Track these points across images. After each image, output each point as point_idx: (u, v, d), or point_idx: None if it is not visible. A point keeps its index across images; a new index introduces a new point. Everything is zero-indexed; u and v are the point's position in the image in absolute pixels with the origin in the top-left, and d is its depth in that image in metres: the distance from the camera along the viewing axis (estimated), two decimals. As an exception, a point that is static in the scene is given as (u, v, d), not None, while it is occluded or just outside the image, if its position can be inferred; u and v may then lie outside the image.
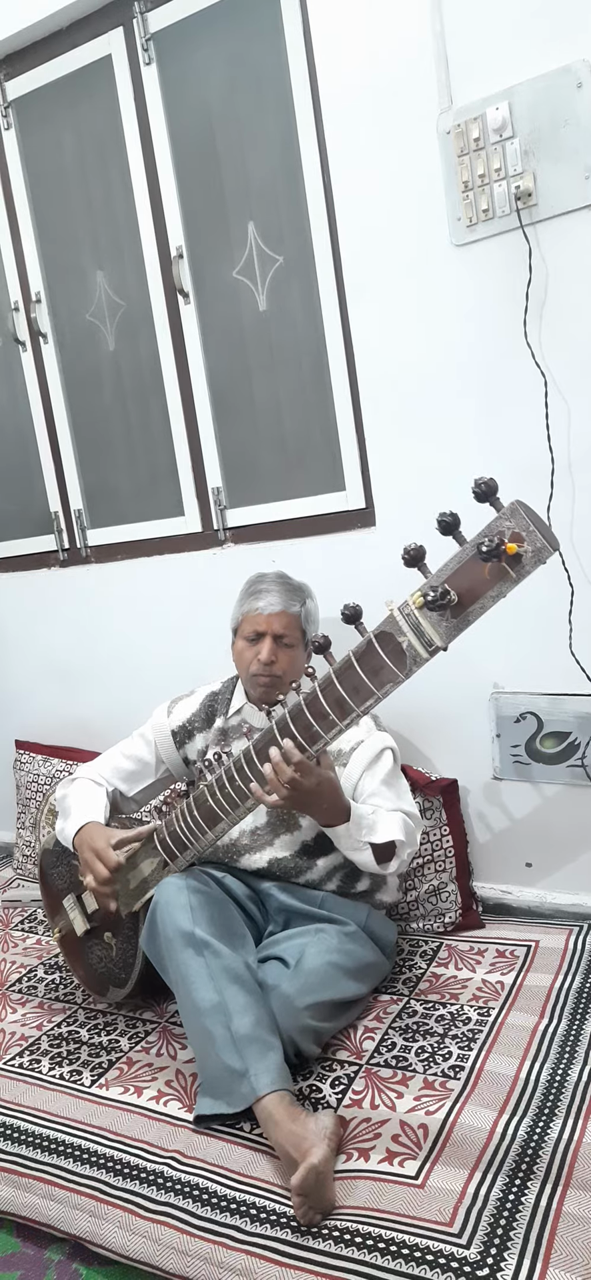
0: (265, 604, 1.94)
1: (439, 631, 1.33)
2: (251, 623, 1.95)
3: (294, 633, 1.94)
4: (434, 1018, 1.84)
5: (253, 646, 1.94)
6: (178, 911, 1.74)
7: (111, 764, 2.10)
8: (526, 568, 1.26)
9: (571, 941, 2.00)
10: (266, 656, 1.91)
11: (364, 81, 1.98)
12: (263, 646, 1.92)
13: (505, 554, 1.24)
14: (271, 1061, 1.59)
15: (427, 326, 2.01)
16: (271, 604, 1.93)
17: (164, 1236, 1.46)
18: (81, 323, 2.60)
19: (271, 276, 2.28)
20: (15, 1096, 1.83)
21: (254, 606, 1.95)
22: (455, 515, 1.28)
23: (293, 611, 1.94)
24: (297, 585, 2.01)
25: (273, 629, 1.92)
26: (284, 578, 2.01)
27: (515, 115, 1.82)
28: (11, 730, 2.97)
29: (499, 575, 1.27)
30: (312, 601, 2.02)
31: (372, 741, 1.92)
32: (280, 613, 1.93)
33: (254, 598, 1.97)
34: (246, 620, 1.96)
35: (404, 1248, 1.34)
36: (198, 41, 2.24)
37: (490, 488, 1.26)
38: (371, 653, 1.40)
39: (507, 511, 1.27)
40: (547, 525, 1.31)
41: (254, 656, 1.93)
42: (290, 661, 1.94)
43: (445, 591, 1.29)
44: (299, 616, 1.95)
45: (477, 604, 1.30)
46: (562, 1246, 1.28)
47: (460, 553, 1.30)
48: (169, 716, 2.10)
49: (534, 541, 1.25)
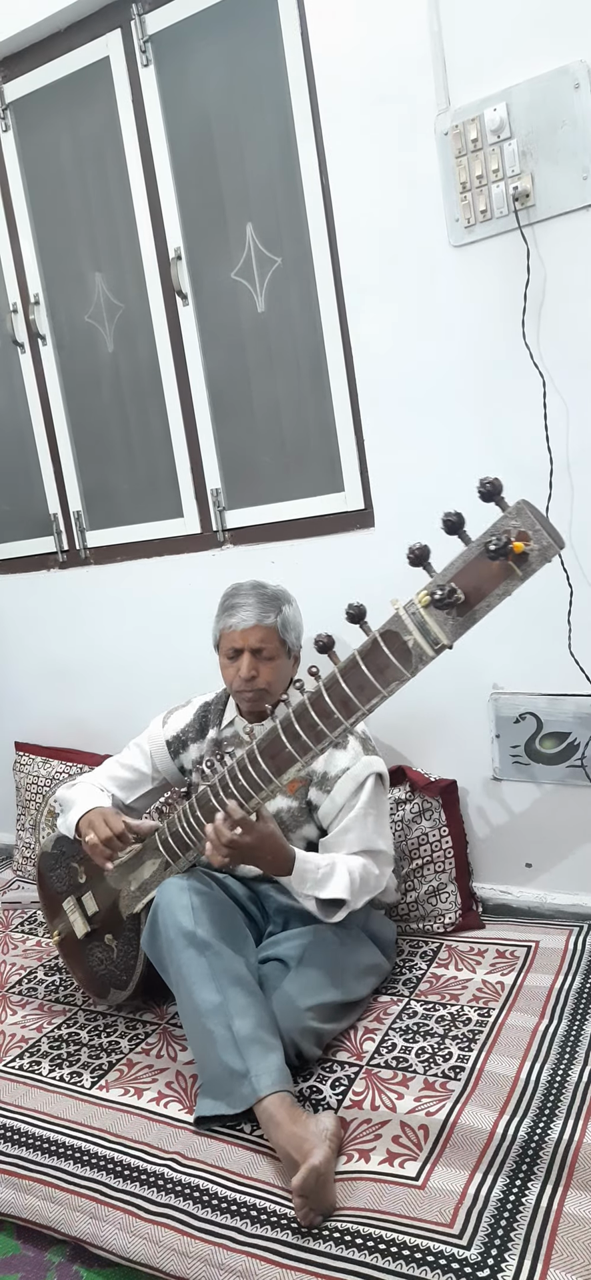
0: (238, 620, 1.92)
1: (445, 630, 1.33)
2: (228, 640, 1.93)
3: (272, 644, 1.92)
4: (434, 1018, 1.84)
5: (233, 663, 1.93)
6: (179, 912, 1.74)
7: (108, 773, 2.11)
8: (533, 566, 1.27)
9: (571, 942, 2.00)
10: (246, 673, 1.90)
11: (362, 82, 1.98)
12: (242, 663, 1.91)
13: (512, 552, 1.25)
14: (272, 1062, 1.59)
15: (426, 327, 2.02)
16: (245, 619, 1.91)
17: (164, 1238, 1.46)
18: (80, 324, 2.60)
19: (270, 278, 2.28)
20: (15, 1099, 1.83)
21: (228, 624, 1.94)
22: (460, 515, 1.28)
23: (268, 624, 1.91)
24: (272, 594, 1.97)
25: (249, 644, 1.91)
26: (258, 587, 1.98)
27: (513, 116, 1.83)
28: (11, 732, 2.97)
29: (505, 574, 1.28)
30: (290, 607, 1.98)
31: (358, 770, 1.87)
32: (254, 627, 1.91)
33: (228, 614, 1.95)
34: (224, 638, 1.95)
35: (404, 1249, 1.34)
36: (196, 43, 2.24)
37: (495, 487, 1.26)
38: (377, 651, 1.40)
39: (513, 510, 1.27)
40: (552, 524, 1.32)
41: (235, 673, 1.92)
42: (273, 672, 1.92)
43: (452, 590, 1.30)
44: (275, 628, 1.92)
45: (484, 602, 1.31)
46: (563, 1247, 1.29)
47: (466, 551, 1.31)
48: (164, 727, 2.10)
49: (540, 540, 1.26)
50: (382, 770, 1.91)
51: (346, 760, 1.87)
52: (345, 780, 1.86)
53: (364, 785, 1.86)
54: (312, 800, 1.90)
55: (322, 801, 1.87)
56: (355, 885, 1.77)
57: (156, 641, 2.59)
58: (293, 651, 1.98)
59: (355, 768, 1.87)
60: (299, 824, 1.91)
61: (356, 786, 1.85)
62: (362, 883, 1.80)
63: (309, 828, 1.92)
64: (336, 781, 1.87)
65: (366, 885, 1.81)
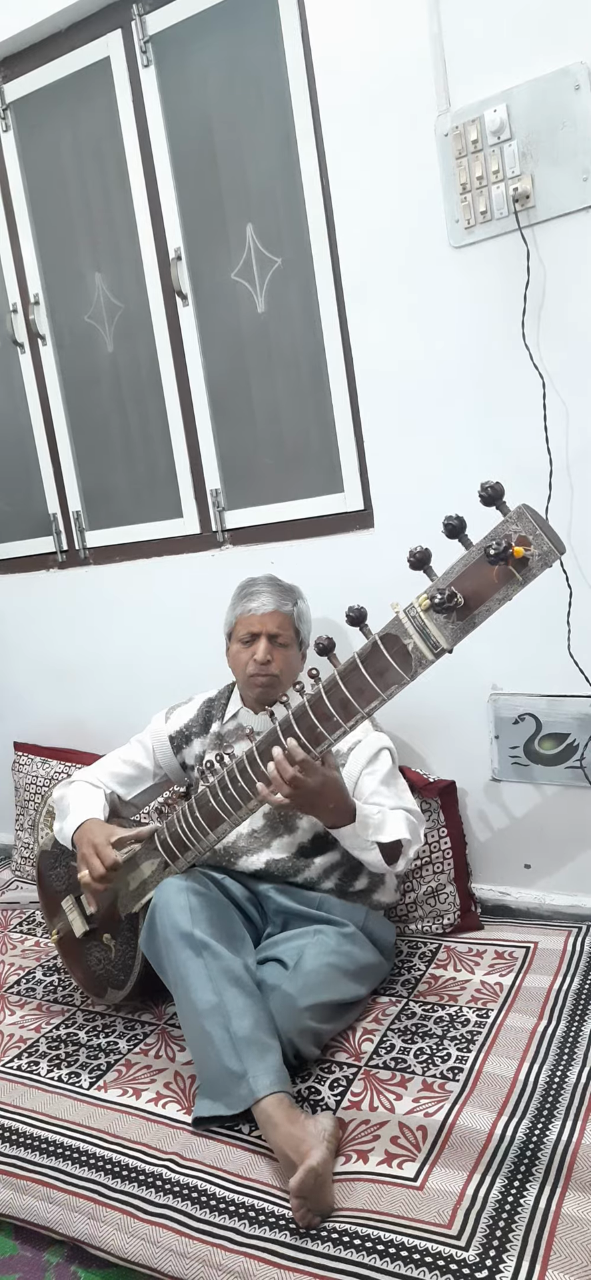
0: (258, 604, 1.96)
1: (444, 634, 1.33)
2: (245, 624, 1.97)
3: (288, 632, 1.96)
4: (432, 1019, 1.84)
5: (248, 648, 1.96)
6: (177, 912, 1.74)
7: (109, 769, 2.10)
8: (533, 571, 1.27)
9: (570, 943, 2.00)
10: (262, 656, 1.93)
11: (362, 83, 1.98)
12: (258, 647, 1.94)
13: (512, 557, 1.25)
14: (270, 1063, 1.59)
15: (426, 328, 2.02)
16: (264, 604, 1.96)
17: (162, 1239, 1.45)
18: (80, 324, 2.60)
19: (270, 278, 2.29)
20: (14, 1099, 1.83)
21: (247, 608, 1.97)
22: (461, 518, 1.28)
23: (285, 611, 1.97)
24: (288, 586, 2.03)
25: (267, 629, 1.95)
26: (275, 579, 2.04)
27: (513, 117, 1.83)
28: (10, 732, 2.96)
29: (506, 578, 1.28)
30: (304, 603, 2.04)
31: (370, 741, 1.93)
32: (273, 612, 1.95)
33: (246, 599, 1.99)
34: (240, 623, 1.98)
35: (402, 1250, 1.34)
36: (196, 44, 2.24)
37: (496, 491, 1.26)
38: (376, 654, 1.41)
39: (514, 515, 1.27)
40: (553, 529, 1.32)
41: (250, 657, 1.95)
42: (286, 661, 1.95)
43: (452, 594, 1.30)
44: (291, 616, 1.98)
45: (484, 607, 1.30)
46: (561, 1248, 1.28)
47: (466, 555, 1.31)
48: (167, 722, 2.11)
49: (540, 545, 1.26)
50: (392, 747, 1.97)
51: (357, 735, 1.90)
52: (359, 750, 1.91)
53: (378, 756, 1.92)
54: None
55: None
56: (413, 825, 1.84)
57: (156, 642, 2.59)
58: (303, 646, 2.01)
59: (367, 740, 1.93)
60: None
61: (371, 755, 1.91)
62: (414, 830, 1.85)
63: None
64: (350, 754, 1.91)
65: (416, 832, 1.86)
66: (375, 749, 1.92)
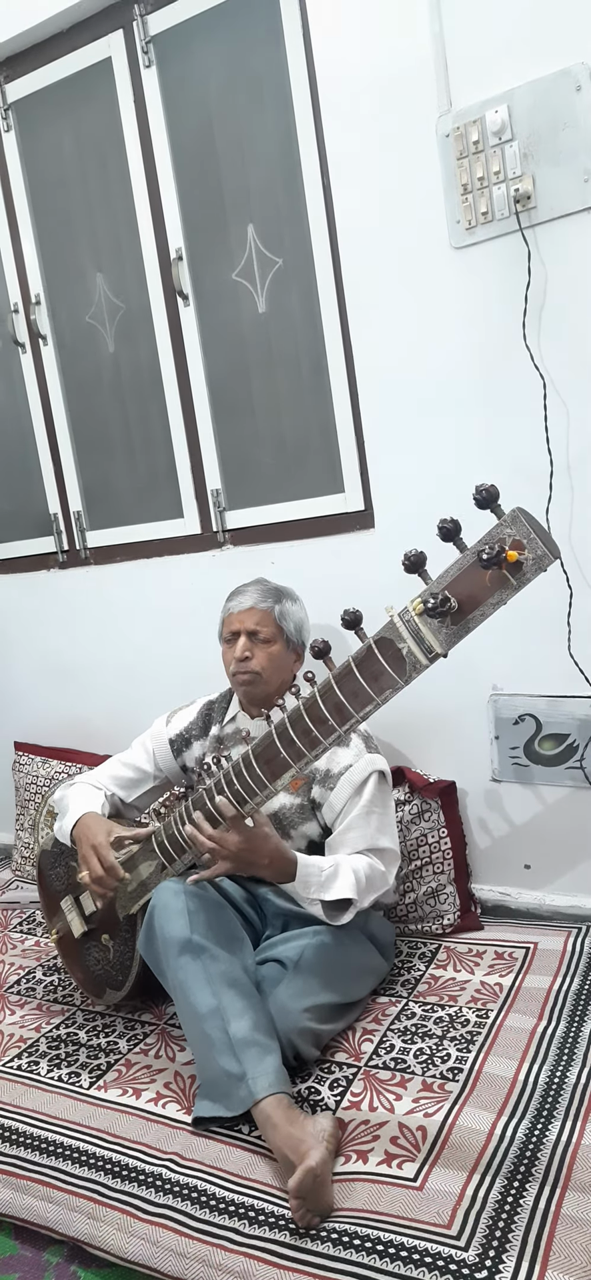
0: (237, 603, 2.00)
1: (439, 638, 1.33)
2: (228, 623, 2.01)
3: (268, 628, 1.96)
4: (432, 1020, 1.84)
5: (231, 647, 1.99)
6: (175, 916, 1.74)
7: (109, 772, 2.11)
8: (527, 575, 1.26)
9: (570, 943, 2.00)
10: (239, 652, 1.95)
11: (363, 84, 1.98)
12: (237, 644, 1.96)
13: (506, 561, 1.24)
14: (269, 1064, 1.59)
15: (426, 329, 2.02)
16: (242, 603, 1.99)
17: (162, 1239, 1.45)
18: (81, 325, 2.60)
19: (271, 279, 2.29)
20: (14, 1099, 1.83)
21: (228, 608, 2.03)
22: (456, 522, 1.28)
23: (264, 607, 1.98)
24: (275, 587, 2.04)
25: (245, 625, 1.97)
26: (261, 581, 2.06)
27: (514, 118, 1.83)
28: (10, 732, 2.96)
29: (499, 583, 1.27)
30: (292, 603, 2.02)
31: (360, 766, 1.88)
32: (251, 609, 1.97)
33: (230, 600, 2.04)
34: (224, 623, 2.03)
35: (402, 1250, 1.34)
36: (197, 44, 2.24)
37: (491, 494, 1.26)
38: (371, 659, 1.40)
39: (508, 519, 1.27)
40: (548, 532, 1.32)
41: (233, 657, 1.97)
42: (267, 658, 1.95)
43: (446, 599, 1.29)
44: (271, 612, 1.97)
45: (478, 611, 1.30)
46: (561, 1248, 1.28)
47: (460, 559, 1.30)
48: (168, 726, 2.11)
49: (534, 549, 1.25)
50: (385, 768, 1.91)
51: (349, 758, 1.88)
52: (347, 777, 1.87)
53: (365, 785, 1.86)
54: (316, 798, 1.90)
55: (325, 799, 1.88)
56: (361, 884, 1.77)
57: (156, 642, 2.59)
58: (292, 643, 2.00)
59: (357, 766, 1.87)
60: (301, 821, 1.91)
61: (355, 790, 1.85)
62: (369, 881, 1.80)
63: (311, 825, 1.92)
64: (339, 779, 1.87)
65: (373, 884, 1.81)
66: (363, 776, 1.86)
